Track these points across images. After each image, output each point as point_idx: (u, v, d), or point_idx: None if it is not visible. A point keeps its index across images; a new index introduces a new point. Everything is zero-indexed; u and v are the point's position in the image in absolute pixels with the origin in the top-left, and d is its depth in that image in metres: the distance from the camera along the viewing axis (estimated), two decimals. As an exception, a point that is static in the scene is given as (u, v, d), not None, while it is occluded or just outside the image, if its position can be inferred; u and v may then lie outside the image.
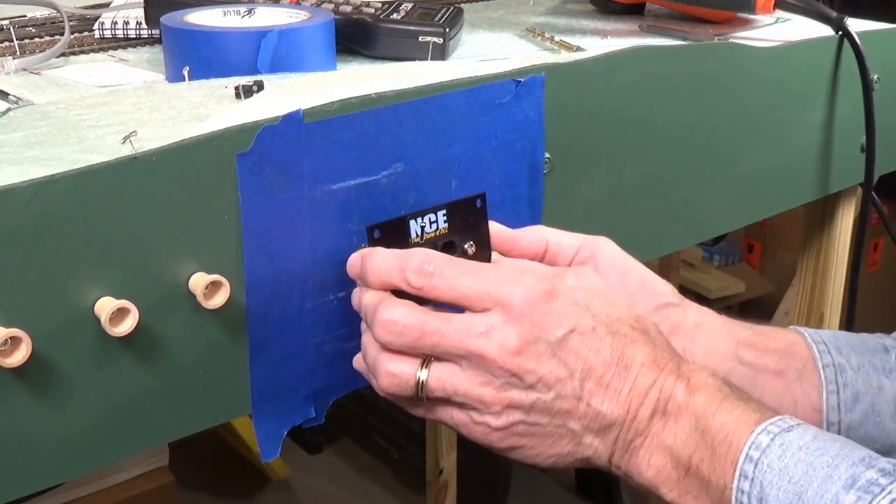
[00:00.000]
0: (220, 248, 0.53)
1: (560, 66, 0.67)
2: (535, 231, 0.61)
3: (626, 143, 0.73)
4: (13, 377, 0.48)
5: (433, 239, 0.55)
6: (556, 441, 0.51)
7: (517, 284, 0.50)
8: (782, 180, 0.88)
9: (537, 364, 0.49)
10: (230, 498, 2.03)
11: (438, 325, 0.50)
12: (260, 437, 0.59)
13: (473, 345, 0.49)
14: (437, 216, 0.55)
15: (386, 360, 0.51)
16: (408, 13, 0.77)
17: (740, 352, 0.60)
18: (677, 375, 0.51)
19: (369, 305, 0.52)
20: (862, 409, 0.60)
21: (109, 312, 0.48)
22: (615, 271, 0.60)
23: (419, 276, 0.51)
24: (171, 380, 0.53)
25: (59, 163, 0.49)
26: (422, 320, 0.50)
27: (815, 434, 0.48)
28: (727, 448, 0.48)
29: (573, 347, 0.50)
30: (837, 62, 0.87)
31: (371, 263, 0.52)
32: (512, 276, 0.51)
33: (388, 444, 2.07)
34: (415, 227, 0.55)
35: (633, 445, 0.51)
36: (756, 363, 0.60)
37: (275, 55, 0.66)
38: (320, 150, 0.55)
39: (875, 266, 2.27)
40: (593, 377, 0.50)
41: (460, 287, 0.50)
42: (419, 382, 0.51)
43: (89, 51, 0.79)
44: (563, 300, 0.50)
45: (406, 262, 0.51)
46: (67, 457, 0.51)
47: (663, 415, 0.50)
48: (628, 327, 0.52)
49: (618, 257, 0.61)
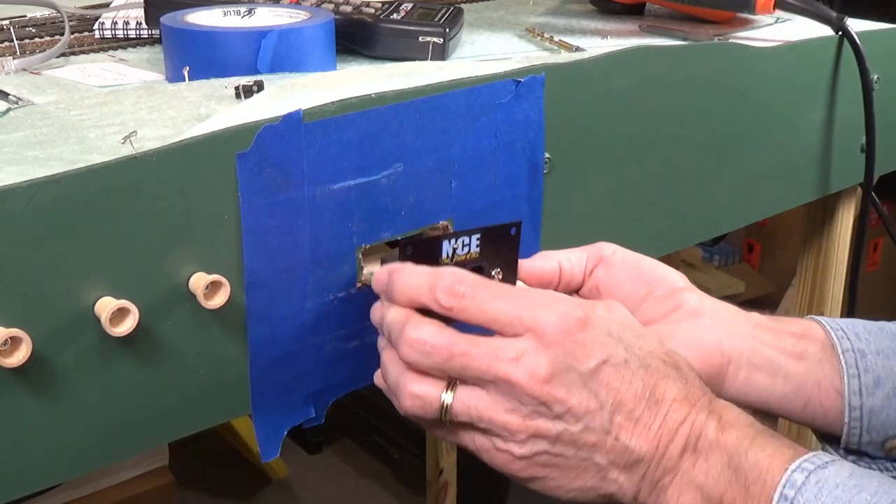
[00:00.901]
0: (220, 248, 0.53)
1: (560, 66, 0.67)
2: (546, 256, 0.60)
3: (626, 143, 0.73)
4: (13, 377, 0.48)
5: (463, 262, 0.54)
6: (581, 474, 0.50)
7: (551, 311, 0.49)
8: (782, 180, 0.88)
9: (567, 394, 0.48)
10: (230, 498, 2.02)
11: (468, 348, 0.48)
12: (260, 437, 0.59)
13: (503, 370, 0.48)
14: (470, 239, 0.54)
15: (410, 381, 0.50)
16: (408, 13, 0.77)
17: (758, 333, 0.60)
18: (709, 412, 0.50)
19: (395, 322, 0.50)
20: (883, 393, 0.59)
21: (109, 312, 0.48)
22: (628, 264, 0.60)
23: (450, 295, 0.49)
24: (170, 380, 0.53)
25: (59, 163, 0.49)
26: (451, 341, 0.48)
27: (852, 471, 0.47)
28: (761, 486, 0.47)
29: (605, 379, 0.48)
30: (837, 62, 0.87)
31: (400, 280, 0.51)
32: (545, 303, 0.49)
33: (388, 444, 2.07)
34: (447, 248, 0.53)
35: (661, 483, 0.49)
36: (776, 345, 0.60)
37: (275, 55, 0.66)
38: (320, 150, 0.55)
39: (875, 266, 2.27)
40: (623, 411, 0.49)
41: (492, 310, 0.49)
42: (444, 406, 0.49)
43: (89, 51, 0.79)
44: (596, 330, 0.49)
45: (437, 281, 0.50)
46: (67, 457, 0.51)
47: (694, 452, 0.49)
48: (660, 361, 0.51)
49: (626, 252, 0.61)
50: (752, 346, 0.59)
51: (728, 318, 0.60)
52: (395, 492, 2.03)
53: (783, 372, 0.59)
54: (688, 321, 0.59)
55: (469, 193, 0.63)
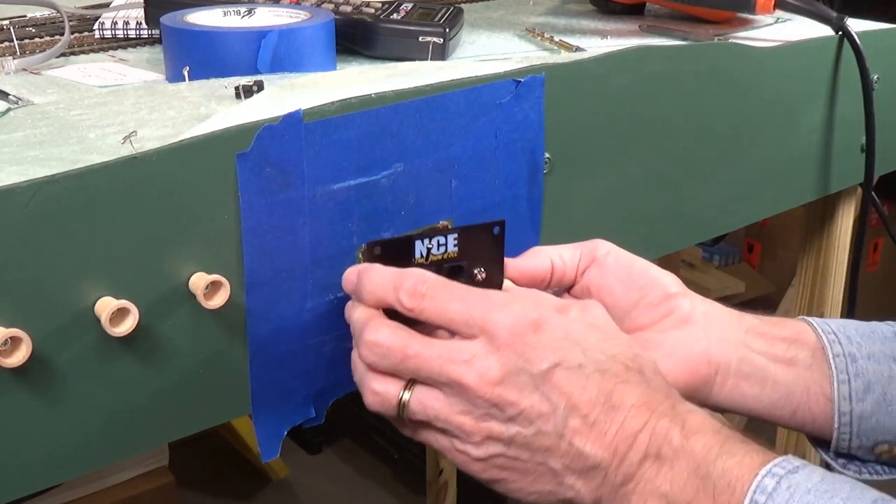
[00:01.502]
0: (220, 248, 0.53)
1: (560, 66, 0.67)
2: (538, 253, 0.60)
3: (626, 143, 0.73)
4: (13, 377, 0.48)
5: (439, 261, 0.53)
6: (537, 478, 0.49)
7: (504, 312, 0.49)
8: (782, 180, 0.88)
9: (518, 396, 0.48)
10: (230, 498, 2.02)
11: (421, 350, 0.49)
12: (260, 437, 0.59)
13: (455, 372, 0.48)
14: (447, 239, 0.53)
15: (371, 379, 0.51)
16: (408, 13, 0.77)
17: (749, 339, 0.59)
18: (671, 417, 0.49)
19: (357, 323, 0.51)
20: (873, 398, 0.59)
21: (109, 312, 0.48)
22: (620, 267, 0.59)
23: (412, 296, 0.50)
24: (171, 380, 0.53)
25: (59, 163, 0.49)
26: (405, 343, 0.49)
27: (823, 475, 0.46)
28: (730, 495, 0.46)
29: (557, 382, 0.48)
30: (837, 62, 0.87)
31: (367, 280, 0.51)
32: (500, 304, 0.49)
33: (388, 444, 2.07)
34: (420, 248, 0.53)
35: (623, 490, 0.48)
36: (766, 351, 0.59)
37: (275, 55, 0.66)
38: (320, 150, 0.55)
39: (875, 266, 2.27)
40: (577, 415, 0.48)
41: (449, 311, 0.49)
42: (402, 404, 0.50)
43: (89, 51, 0.79)
44: (550, 332, 0.49)
45: (401, 282, 0.50)
46: (67, 457, 0.51)
47: (657, 459, 0.48)
48: (622, 366, 0.50)
49: (619, 253, 0.60)
50: (741, 353, 0.59)
51: (719, 323, 0.59)
52: (395, 492, 2.03)
53: (772, 380, 0.59)
54: (677, 329, 0.58)
55: (469, 193, 0.63)
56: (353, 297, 0.54)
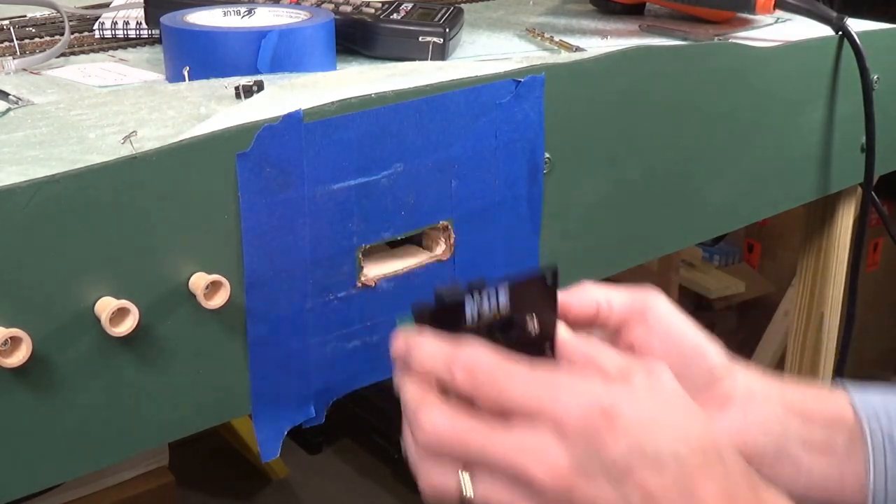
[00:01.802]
0: (220, 248, 0.53)
1: (560, 66, 0.67)
2: (584, 292, 0.56)
3: (626, 143, 0.73)
4: (13, 377, 0.48)
5: (490, 322, 0.49)
6: None
7: (573, 397, 0.45)
8: (782, 180, 0.88)
9: (588, 486, 0.45)
10: (230, 498, 2.02)
11: (484, 441, 0.45)
12: (260, 437, 0.59)
13: (520, 463, 0.45)
14: (497, 295, 0.48)
15: (429, 469, 0.47)
16: (408, 13, 0.77)
17: (788, 421, 0.57)
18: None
19: (409, 402, 0.48)
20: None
21: (109, 312, 0.48)
22: (670, 333, 0.56)
23: (468, 375, 0.46)
24: (171, 380, 0.53)
25: (59, 163, 0.49)
26: (465, 431, 0.46)
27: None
28: None
29: (631, 472, 0.45)
30: (837, 62, 0.87)
31: (418, 353, 0.48)
32: (567, 387, 0.46)
33: (388, 444, 2.07)
34: (470, 311, 0.48)
35: None
36: (804, 438, 0.57)
37: (275, 55, 0.66)
38: (320, 150, 0.55)
39: (875, 266, 2.27)
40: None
41: (510, 393, 0.46)
42: (465, 490, 0.46)
43: (89, 51, 0.79)
44: (622, 417, 0.45)
45: (455, 359, 0.47)
46: (67, 457, 0.51)
47: None
48: (700, 451, 0.46)
49: (672, 317, 0.56)
50: (779, 441, 0.56)
51: (761, 404, 0.57)
52: (395, 492, 2.03)
53: (807, 469, 0.56)
54: (718, 410, 0.56)
55: (469, 193, 0.63)
56: (400, 369, 0.50)
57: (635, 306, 0.56)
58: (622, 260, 0.77)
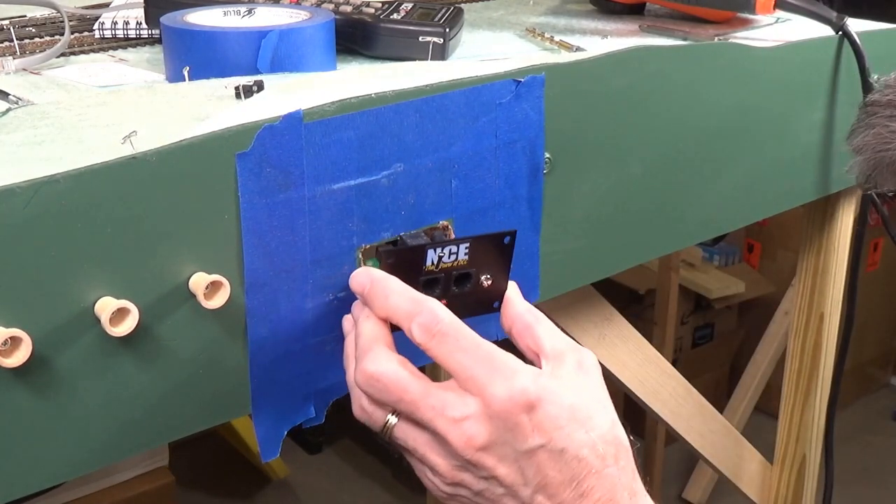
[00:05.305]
0: (220, 248, 0.53)
1: (560, 66, 0.67)
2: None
3: (626, 143, 0.73)
4: (13, 377, 0.48)
5: (449, 269, 0.54)
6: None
7: (505, 384, 0.50)
8: (782, 180, 0.88)
9: (496, 464, 0.50)
10: (230, 498, 2.03)
11: (417, 398, 0.50)
12: (260, 437, 0.59)
13: (443, 427, 0.50)
14: (458, 248, 0.54)
15: (362, 397, 0.52)
16: (408, 13, 0.77)
17: None
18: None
19: (364, 338, 0.52)
20: None
21: (110, 312, 0.48)
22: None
23: (424, 333, 0.51)
24: (171, 380, 0.53)
25: (59, 163, 0.49)
26: (403, 386, 0.50)
27: None
28: None
29: (536, 461, 0.50)
30: (837, 62, 0.87)
31: (381, 294, 0.52)
32: (504, 372, 0.50)
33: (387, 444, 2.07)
34: (432, 257, 0.53)
35: None
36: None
37: (275, 55, 0.66)
38: (320, 150, 0.55)
39: (875, 266, 2.27)
40: (546, 492, 0.50)
41: (455, 361, 0.50)
42: (387, 426, 0.52)
43: (89, 51, 0.79)
44: (542, 412, 0.50)
45: (416, 313, 0.51)
46: (67, 457, 0.51)
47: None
48: (600, 452, 0.51)
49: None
50: None
51: None
52: (395, 492, 2.03)
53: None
54: None
55: (469, 193, 0.63)
56: (360, 301, 0.54)
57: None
58: (622, 260, 0.78)
